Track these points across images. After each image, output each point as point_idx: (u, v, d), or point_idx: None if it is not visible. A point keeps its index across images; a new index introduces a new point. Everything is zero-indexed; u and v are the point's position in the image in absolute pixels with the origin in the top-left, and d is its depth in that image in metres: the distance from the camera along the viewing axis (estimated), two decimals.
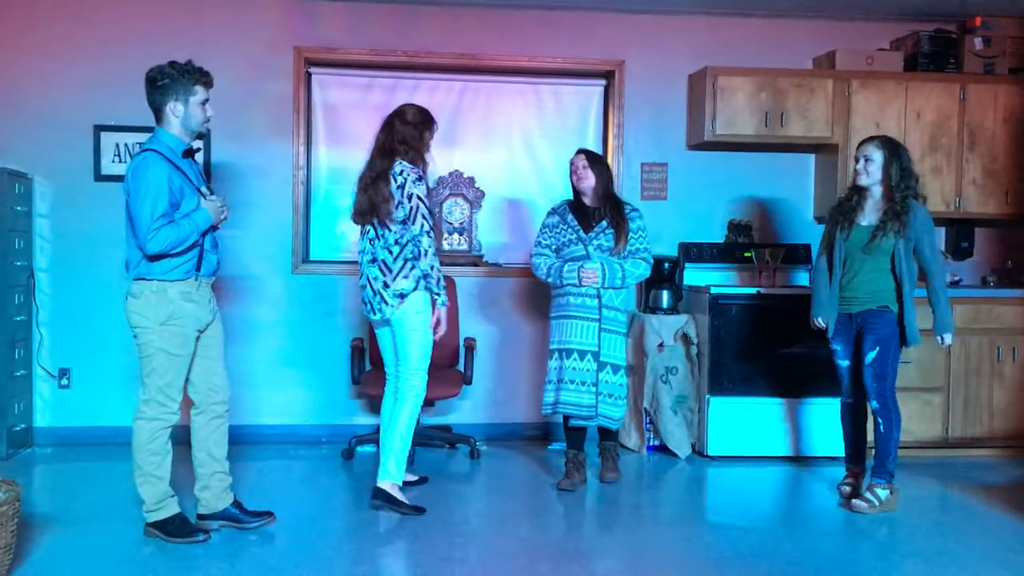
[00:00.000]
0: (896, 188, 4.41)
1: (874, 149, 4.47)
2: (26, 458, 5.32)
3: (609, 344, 4.66)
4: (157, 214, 3.58)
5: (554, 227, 4.77)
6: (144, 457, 3.76)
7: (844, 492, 4.67)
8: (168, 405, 3.78)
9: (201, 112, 3.76)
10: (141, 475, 3.78)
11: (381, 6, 5.73)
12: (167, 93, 3.69)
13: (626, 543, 3.98)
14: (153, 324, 3.71)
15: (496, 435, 5.86)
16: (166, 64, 3.73)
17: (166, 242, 3.61)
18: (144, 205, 3.58)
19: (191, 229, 3.68)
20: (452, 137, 5.97)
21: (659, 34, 5.94)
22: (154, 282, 3.70)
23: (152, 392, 3.77)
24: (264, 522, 4.01)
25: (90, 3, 5.55)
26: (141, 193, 3.59)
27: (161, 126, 3.75)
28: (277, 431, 5.71)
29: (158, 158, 3.65)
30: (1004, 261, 6.14)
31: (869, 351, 4.44)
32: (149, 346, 3.74)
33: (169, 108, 3.70)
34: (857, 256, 4.47)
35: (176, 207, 3.67)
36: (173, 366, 3.77)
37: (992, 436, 5.55)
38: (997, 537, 4.09)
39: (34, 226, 5.55)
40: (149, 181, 3.59)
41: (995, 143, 5.83)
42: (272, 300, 5.72)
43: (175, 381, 3.79)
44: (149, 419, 3.76)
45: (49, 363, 5.61)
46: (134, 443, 3.77)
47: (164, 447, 3.80)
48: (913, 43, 5.88)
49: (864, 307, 4.46)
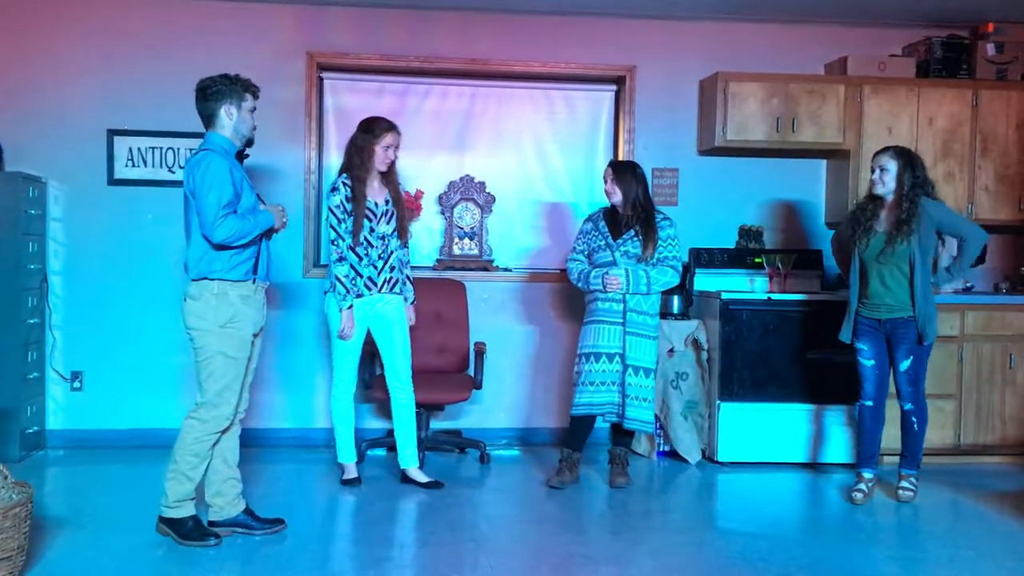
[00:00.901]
0: (905, 197, 4.51)
1: (889, 159, 4.59)
2: (39, 460, 5.35)
3: (636, 347, 4.72)
4: (223, 203, 3.67)
5: (588, 233, 4.88)
6: (184, 457, 3.79)
7: (857, 499, 4.67)
8: (224, 410, 3.81)
9: (251, 119, 3.90)
10: (175, 472, 3.80)
11: (393, 12, 5.75)
12: (221, 98, 3.80)
13: (636, 549, 3.98)
14: (212, 327, 3.75)
15: (507, 440, 5.87)
16: (216, 76, 3.85)
17: (232, 231, 3.68)
18: (210, 195, 3.66)
19: (255, 224, 3.77)
20: (463, 142, 5.99)
21: (670, 39, 5.94)
22: (215, 283, 3.74)
23: (210, 395, 3.80)
24: (275, 529, 4.01)
25: (103, 9, 5.59)
26: (206, 185, 3.68)
27: (212, 130, 3.84)
28: (287, 435, 5.72)
29: (216, 156, 3.75)
30: (1016, 268, 6.11)
31: (903, 360, 4.61)
32: (208, 349, 3.77)
33: (224, 111, 3.80)
34: (876, 263, 4.58)
35: (239, 199, 3.76)
36: (231, 369, 3.81)
37: (1004, 443, 5.52)
38: (1009, 544, 4.07)
39: (48, 230, 5.58)
40: (213, 174, 3.69)
41: (1008, 149, 5.80)
42: (283, 303, 5.74)
43: (233, 384, 3.83)
44: (202, 421, 3.80)
45: (62, 366, 5.64)
46: (179, 440, 3.81)
47: (207, 451, 3.84)
48: (925, 49, 5.86)
49: (893, 315, 4.60)
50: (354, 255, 4.63)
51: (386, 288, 4.71)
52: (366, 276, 4.66)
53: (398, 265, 4.77)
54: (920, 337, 4.57)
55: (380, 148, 4.64)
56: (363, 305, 4.69)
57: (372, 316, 4.74)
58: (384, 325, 4.76)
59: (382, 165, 4.67)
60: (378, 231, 4.67)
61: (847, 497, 4.74)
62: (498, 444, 5.80)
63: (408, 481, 4.85)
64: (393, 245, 4.74)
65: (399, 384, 4.80)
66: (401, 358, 4.78)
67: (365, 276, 4.66)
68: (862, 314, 4.70)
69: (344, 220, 4.61)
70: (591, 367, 4.75)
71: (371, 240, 4.65)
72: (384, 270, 4.69)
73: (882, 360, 4.70)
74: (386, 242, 4.70)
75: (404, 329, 4.79)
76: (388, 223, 4.70)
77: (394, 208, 4.73)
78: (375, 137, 4.64)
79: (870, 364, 4.71)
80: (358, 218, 4.59)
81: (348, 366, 4.77)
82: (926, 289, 4.57)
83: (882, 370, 4.71)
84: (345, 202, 4.60)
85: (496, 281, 5.88)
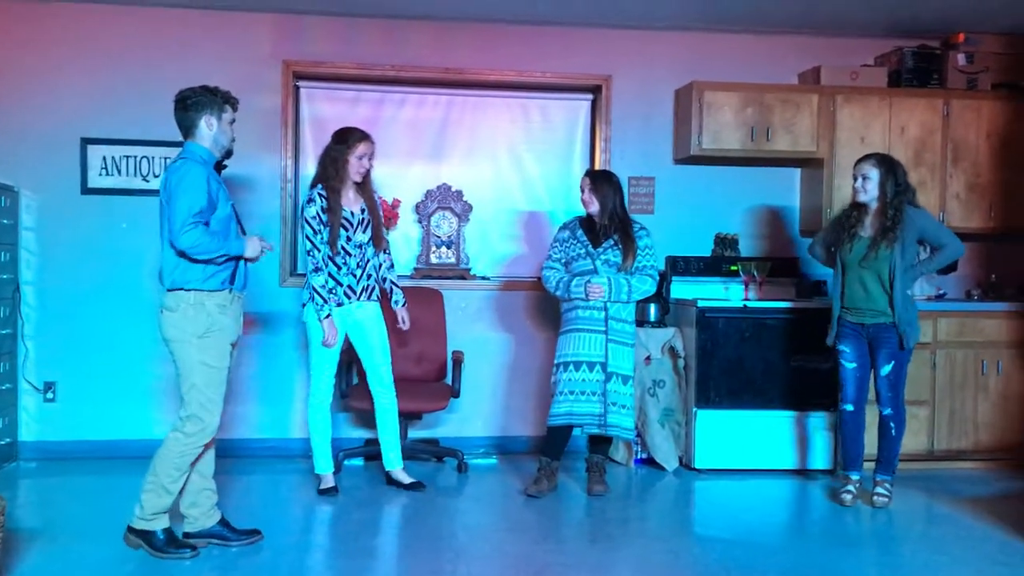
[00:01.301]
0: (889, 205, 4.59)
1: (870, 167, 4.67)
2: (11, 472, 5.28)
3: (616, 355, 4.74)
4: (194, 211, 3.64)
5: (565, 241, 4.88)
6: (166, 470, 3.74)
7: (846, 500, 4.74)
8: (208, 421, 3.78)
9: (231, 130, 3.87)
10: (154, 484, 3.75)
11: (369, 20, 5.75)
12: (201, 110, 3.78)
13: (613, 556, 3.98)
14: (191, 337, 3.72)
15: (484, 448, 5.86)
16: (197, 87, 3.84)
17: (197, 242, 3.63)
18: (182, 200, 3.64)
19: (222, 245, 3.71)
20: (439, 151, 5.99)
21: (646, 49, 5.98)
22: (191, 293, 3.71)
23: (194, 408, 3.75)
24: (251, 540, 3.98)
25: (78, 17, 5.55)
26: (180, 190, 3.65)
27: (191, 140, 3.81)
28: (264, 445, 5.68)
29: (195, 164, 3.73)
30: (988, 275, 6.18)
31: (884, 364, 4.68)
32: (188, 360, 3.74)
33: (204, 122, 3.78)
34: (856, 268, 4.65)
35: (212, 209, 3.73)
36: (213, 379, 3.78)
37: (977, 449, 5.57)
38: (982, 549, 4.10)
39: (20, 239, 5.52)
40: (189, 181, 3.67)
41: (978, 158, 5.88)
42: (260, 313, 5.70)
43: (216, 396, 3.80)
44: (188, 434, 3.75)
45: (34, 377, 5.58)
46: (161, 452, 3.76)
47: (188, 465, 3.80)
48: (897, 59, 5.93)
49: (876, 320, 4.66)
50: (333, 265, 4.64)
51: (364, 296, 4.75)
52: (346, 284, 4.69)
53: (375, 273, 4.80)
54: (901, 342, 4.62)
55: (354, 158, 4.65)
56: (342, 313, 4.70)
57: (350, 323, 4.75)
58: (362, 331, 4.78)
59: (356, 175, 4.68)
60: (355, 240, 4.68)
61: (836, 499, 4.79)
62: (476, 453, 5.79)
63: (392, 483, 4.89)
64: (370, 253, 4.76)
65: (382, 388, 4.84)
66: (381, 362, 4.82)
67: (345, 284, 4.68)
68: (847, 319, 4.76)
69: (320, 231, 4.62)
70: (570, 376, 4.74)
71: (348, 249, 4.66)
72: (362, 278, 4.73)
73: (863, 364, 4.75)
74: (363, 250, 4.73)
75: (383, 334, 4.82)
76: (364, 232, 4.72)
77: (370, 216, 4.74)
78: (348, 147, 4.66)
79: (851, 367, 4.76)
80: (334, 228, 4.60)
81: (326, 375, 4.77)
82: (905, 295, 4.64)
83: (863, 374, 4.76)
84: (321, 213, 4.61)
85: (473, 290, 5.88)
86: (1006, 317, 5.59)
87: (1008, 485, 5.26)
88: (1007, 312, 5.61)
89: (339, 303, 4.68)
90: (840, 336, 4.78)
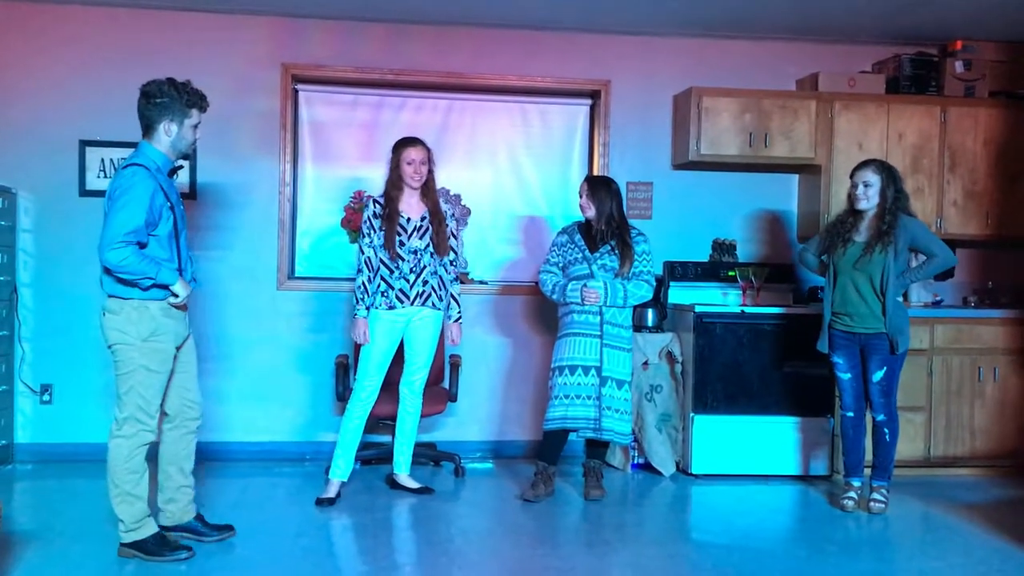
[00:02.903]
0: (888, 210, 4.60)
1: (872, 174, 4.66)
2: (7, 474, 5.27)
3: (612, 359, 4.74)
4: (127, 229, 3.53)
5: (563, 246, 4.89)
6: (122, 476, 3.71)
7: (847, 506, 4.76)
8: (146, 423, 3.73)
9: (192, 134, 3.77)
10: (119, 494, 3.72)
11: (368, 24, 5.76)
12: (163, 112, 3.66)
13: (610, 561, 3.98)
14: (135, 341, 3.67)
15: (481, 452, 5.86)
16: (165, 81, 3.70)
17: (126, 262, 3.53)
18: (119, 215, 3.53)
19: (150, 270, 3.59)
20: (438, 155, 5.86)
21: (645, 55, 5.99)
22: (134, 299, 3.66)
23: (131, 410, 3.71)
24: (224, 536, 4.00)
25: (76, 18, 5.55)
26: (121, 203, 3.55)
27: (148, 141, 3.72)
28: (261, 448, 5.67)
29: (146, 174, 3.62)
30: (985, 282, 6.19)
31: (876, 370, 4.68)
32: (129, 363, 3.68)
33: (163, 127, 3.68)
34: (851, 272, 4.66)
35: (153, 225, 3.63)
36: (153, 384, 3.72)
37: (973, 455, 5.58)
38: (978, 556, 4.11)
39: (17, 241, 5.52)
40: (133, 194, 3.55)
41: (976, 165, 5.89)
42: (257, 317, 5.71)
43: (154, 399, 3.75)
44: (127, 437, 3.71)
45: (31, 379, 5.57)
46: (111, 462, 3.72)
47: (142, 465, 3.76)
48: (895, 66, 5.95)
49: (867, 329, 4.67)
50: (385, 268, 4.70)
51: (419, 301, 4.75)
52: (397, 288, 4.71)
53: (432, 279, 4.78)
54: (892, 347, 4.63)
55: (404, 163, 4.71)
56: (398, 317, 4.73)
57: (408, 329, 4.80)
58: (417, 339, 4.82)
59: (412, 181, 4.73)
60: (409, 245, 4.72)
61: (837, 505, 4.81)
62: (473, 457, 5.79)
63: (397, 487, 4.92)
64: (426, 260, 4.75)
65: (411, 395, 4.90)
66: (419, 369, 4.87)
67: (396, 288, 4.71)
68: (837, 327, 4.76)
69: (369, 234, 4.71)
70: (566, 379, 4.75)
71: (402, 254, 4.70)
72: (416, 283, 4.73)
73: (857, 373, 4.77)
74: (418, 256, 4.74)
75: (432, 343, 4.86)
76: (421, 238, 4.74)
77: (430, 224, 4.76)
78: (396, 153, 4.76)
79: (847, 377, 4.78)
80: (389, 233, 4.68)
81: (370, 379, 4.76)
82: (896, 301, 4.66)
83: (858, 382, 4.79)
84: (372, 218, 4.71)
85: (471, 294, 5.88)
86: (1003, 324, 5.60)
87: (1004, 492, 5.26)
88: (1004, 319, 5.61)
89: (391, 306, 4.71)
90: (833, 347, 4.79)
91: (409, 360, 4.87)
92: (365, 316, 4.72)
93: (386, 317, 4.71)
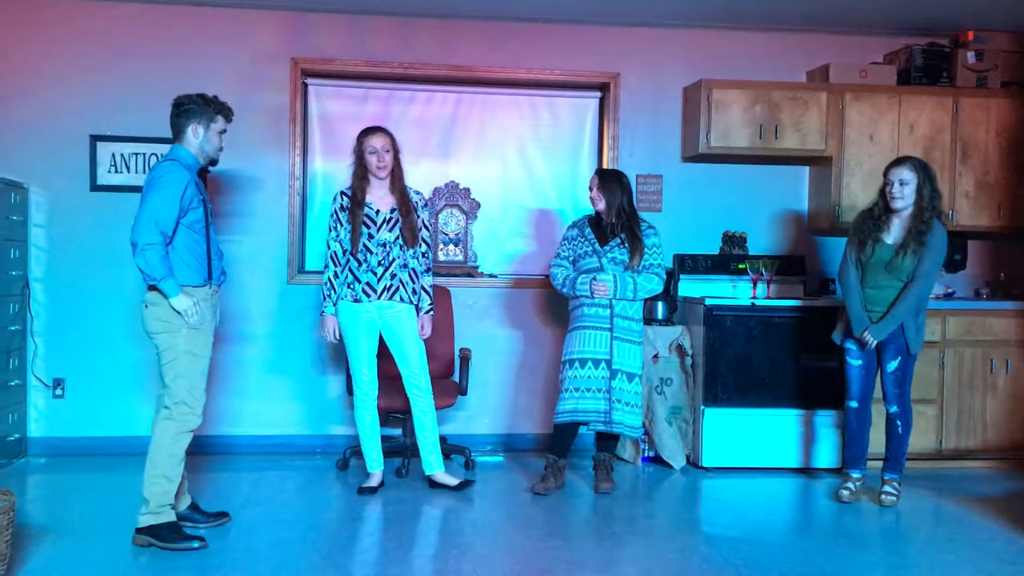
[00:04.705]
0: (926, 209, 4.54)
1: (908, 172, 4.59)
2: (20, 468, 5.31)
3: (622, 352, 4.74)
4: (159, 215, 3.74)
5: (573, 239, 4.89)
6: (163, 458, 3.82)
7: (843, 496, 4.74)
8: (195, 408, 3.88)
9: (218, 140, 3.98)
10: (155, 475, 3.82)
11: (377, 18, 5.75)
12: (191, 116, 3.90)
13: (620, 554, 3.98)
14: (180, 328, 3.81)
15: (491, 446, 5.87)
16: (194, 94, 3.95)
17: (147, 249, 3.73)
18: (153, 200, 3.76)
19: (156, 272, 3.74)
20: (447, 149, 5.99)
21: (654, 47, 5.97)
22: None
23: (181, 395, 3.84)
24: (219, 522, 4.10)
25: (88, 14, 5.56)
26: (155, 191, 3.77)
27: (179, 144, 3.93)
28: (271, 441, 5.70)
29: (180, 167, 3.84)
30: (997, 274, 6.16)
31: (891, 361, 4.65)
32: (174, 350, 3.83)
33: (191, 129, 3.90)
34: (880, 272, 4.61)
35: (185, 212, 3.82)
36: (198, 368, 3.89)
37: (985, 448, 5.56)
38: (991, 548, 4.09)
39: (29, 236, 5.54)
40: (166, 182, 3.78)
41: (988, 156, 5.86)
42: (267, 310, 5.72)
43: (200, 383, 3.91)
44: (177, 420, 3.84)
45: (43, 373, 5.60)
46: (155, 443, 3.83)
47: (183, 451, 3.88)
48: (906, 57, 5.91)
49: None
50: (354, 260, 4.65)
51: (386, 295, 4.67)
52: (364, 282, 4.65)
53: (401, 272, 4.70)
54: (907, 347, 4.61)
55: (367, 153, 4.65)
56: (368, 311, 4.69)
57: (382, 324, 4.75)
58: (393, 334, 4.75)
59: (376, 170, 4.66)
60: (378, 238, 4.65)
61: (834, 496, 4.79)
62: (483, 450, 5.80)
63: (436, 486, 4.85)
64: (396, 252, 4.68)
65: (419, 393, 4.80)
66: (417, 366, 4.77)
67: (363, 282, 4.65)
68: None
69: (335, 228, 4.68)
70: (576, 373, 4.75)
71: (370, 247, 4.64)
72: (384, 277, 4.65)
73: (869, 362, 4.74)
74: (387, 249, 4.66)
75: (416, 341, 4.76)
76: (390, 230, 4.67)
77: (399, 215, 4.70)
78: (359, 144, 4.70)
79: (857, 364, 4.75)
80: (355, 225, 4.62)
81: (362, 373, 4.75)
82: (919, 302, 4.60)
83: (868, 372, 4.76)
84: (339, 211, 4.67)
85: (481, 287, 5.89)
86: (1015, 316, 5.57)
87: (1016, 485, 5.24)
88: (1016, 311, 5.59)
89: (356, 299, 4.66)
90: (848, 333, 4.76)
91: (400, 363, 4.78)
92: (333, 313, 4.69)
93: (353, 309, 4.67)
